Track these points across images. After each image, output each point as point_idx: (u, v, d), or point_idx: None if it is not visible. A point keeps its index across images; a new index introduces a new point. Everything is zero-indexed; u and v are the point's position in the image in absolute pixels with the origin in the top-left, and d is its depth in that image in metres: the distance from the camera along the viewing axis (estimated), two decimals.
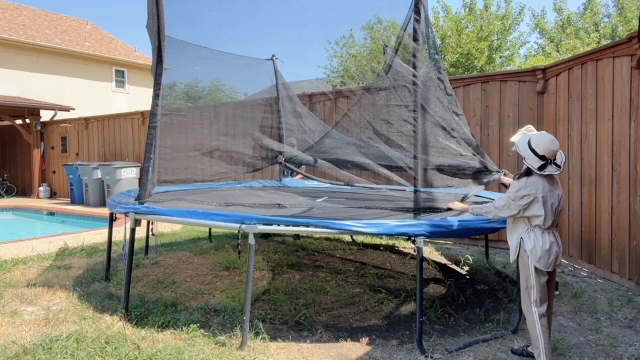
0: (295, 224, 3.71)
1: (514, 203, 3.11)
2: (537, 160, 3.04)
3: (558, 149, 3.07)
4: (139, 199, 4.46)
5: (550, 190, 3.08)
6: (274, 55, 7.38)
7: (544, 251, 3.08)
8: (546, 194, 3.05)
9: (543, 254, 3.08)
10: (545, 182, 3.08)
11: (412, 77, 3.75)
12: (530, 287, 3.15)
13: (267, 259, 6.27)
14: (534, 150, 3.06)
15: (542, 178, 3.08)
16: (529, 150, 3.08)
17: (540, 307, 3.13)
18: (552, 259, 3.09)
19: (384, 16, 15.12)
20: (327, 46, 16.01)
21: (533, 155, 3.05)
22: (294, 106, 7.40)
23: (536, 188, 3.06)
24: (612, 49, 5.22)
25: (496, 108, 7.10)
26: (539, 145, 3.05)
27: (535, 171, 3.06)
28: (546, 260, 3.08)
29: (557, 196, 3.12)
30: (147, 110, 10.85)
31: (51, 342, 3.52)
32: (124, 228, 4.80)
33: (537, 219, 3.08)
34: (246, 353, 3.47)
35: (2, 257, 6.28)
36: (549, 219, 3.08)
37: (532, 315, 3.16)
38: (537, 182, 3.07)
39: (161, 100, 4.44)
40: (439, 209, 3.74)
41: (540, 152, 3.03)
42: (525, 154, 3.10)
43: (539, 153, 3.03)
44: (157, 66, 4.37)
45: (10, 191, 16.24)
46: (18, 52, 16.87)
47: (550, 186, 3.09)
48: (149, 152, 4.40)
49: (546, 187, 3.06)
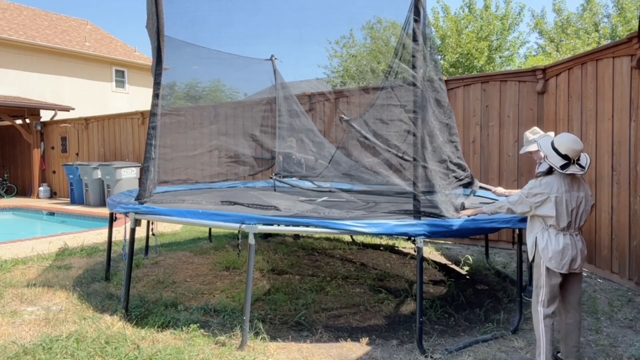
0: (295, 224, 3.71)
1: (526, 200, 3.15)
2: (559, 160, 3.06)
3: (581, 149, 3.07)
4: (139, 198, 4.46)
5: (567, 191, 3.08)
6: (273, 55, 7.38)
7: (555, 252, 3.08)
8: (561, 194, 3.06)
9: (555, 254, 3.08)
10: (562, 183, 3.09)
11: (412, 78, 3.74)
12: (539, 286, 3.16)
13: (267, 259, 6.27)
14: (556, 149, 3.08)
15: (560, 178, 3.10)
16: (551, 149, 3.10)
17: (547, 308, 3.14)
18: (565, 260, 3.07)
19: (384, 16, 15.11)
20: (327, 46, 16.00)
21: (555, 154, 3.07)
22: (293, 106, 7.39)
23: (550, 188, 3.08)
24: (612, 49, 5.23)
25: (496, 108, 7.10)
26: (561, 145, 3.07)
27: (557, 170, 3.07)
28: (558, 261, 3.07)
29: (577, 198, 3.10)
30: (147, 110, 10.85)
31: (51, 342, 3.52)
32: (124, 228, 4.80)
33: (550, 219, 3.09)
34: (246, 353, 3.47)
35: (2, 257, 6.28)
36: (563, 219, 3.07)
37: (538, 315, 3.17)
38: (553, 182, 3.10)
39: (161, 100, 4.44)
40: (443, 216, 3.72)
41: (563, 152, 3.05)
42: (547, 152, 3.12)
43: (562, 152, 3.05)
44: (156, 66, 4.37)
45: (10, 191, 16.24)
46: (18, 52, 16.87)
47: (568, 187, 3.09)
48: (149, 152, 4.40)
49: (563, 187, 3.07)
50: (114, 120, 13.66)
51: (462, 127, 7.38)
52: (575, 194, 3.10)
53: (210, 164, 6.57)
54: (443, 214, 3.69)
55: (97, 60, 19.43)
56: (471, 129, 7.31)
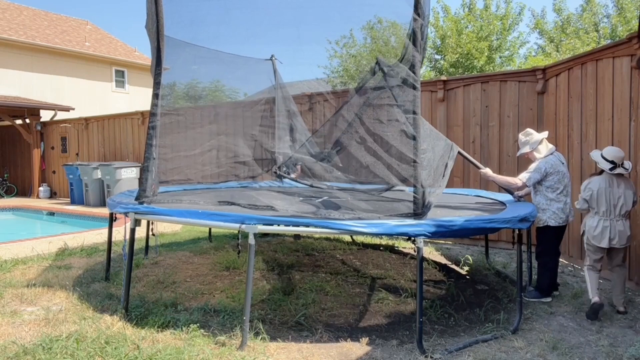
0: (295, 224, 3.70)
1: (581, 194, 4.43)
2: (607, 164, 4.23)
3: (623, 156, 4.23)
4: (139, 198, 4.45)
5: (607, 187, 4.25)
6: (273, 55, 7.38)
7: (593, 229, 4.31)
8: (601, 190, 4.26)
9: (592, 231, 4.32)
10: (605, 183, 4.26)
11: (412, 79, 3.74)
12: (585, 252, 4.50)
13: (267, 259, 6.27)
14: (604, 157, 4.25)
15: (604, 179, 4.28)
16: (600, 158, 4.28)
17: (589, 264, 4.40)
18: (604, 238, 4.24)
19: (384, 16, 15.09)
20: (327, 46, 15.97)
21: (604, 161, 4.25)
22: (293, 107, 7.39)
23: (592, 185, 4.34)
24: (612, 49, 5.22)
25: (496, 108, 7.10)
26: (608, 154, 4.25)
27: (607, 171, 4.23)
28: (596, 238, 4.29)
29: (617, 194, 4.22)
30: (147, 110, 10.84)
31: (51, 342, 3.52)
32: (124, 228, 4.80)
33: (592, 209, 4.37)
34: (246, 353, 3.47)
35: (2, 257, 6.27)
36: (601, 208, 4.28)
37: (584, 267, 4.48)
38: (596, 182, 4.33)
39: (161, 100, 4.43)
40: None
41: (610, 158, 4.23)
42: (597, 160, 4.31)
43: (608, 159, 4.23)
44: (156, 66, 4.36)
45: (10, 191, 16.24)
46: (18, 52, 16.87)
47: (608, 186, 4.25)
48: (149, 152, 4.40)
49: (603, 186, 4.26)
50: (114, 120, 13.66)
51: (462, 127, 7.39)
52: (616, 190, 4.23)
53: (210, 164, 6.55)
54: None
55: (97, 60, 19.43)
56: (471, 129, 7.31)
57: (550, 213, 4.62)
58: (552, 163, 4.61)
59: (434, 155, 4.28)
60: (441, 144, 4.72)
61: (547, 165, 4.59)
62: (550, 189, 4.62)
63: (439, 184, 4.17)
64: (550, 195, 4.62)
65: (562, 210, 4.62)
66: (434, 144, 4.45)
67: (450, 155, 4.66)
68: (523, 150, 4.82)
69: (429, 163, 4.00)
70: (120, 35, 63.88)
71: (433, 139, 4.58)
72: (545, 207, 4.64)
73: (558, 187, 4.61)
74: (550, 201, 4.63)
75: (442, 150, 4.64)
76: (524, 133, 4.84)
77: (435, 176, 4.12)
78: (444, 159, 4.51)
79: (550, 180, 4.61)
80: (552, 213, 4.62)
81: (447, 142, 4.86)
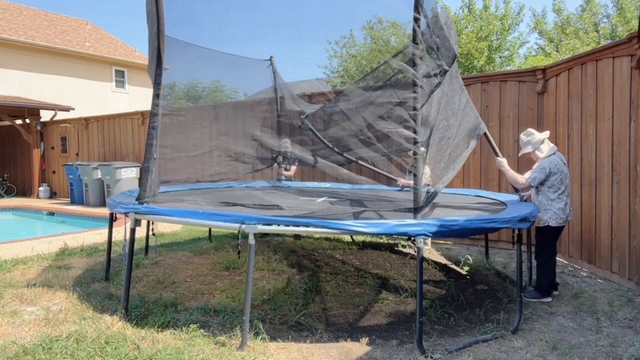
0: (295, 224, 3.70)
1: None
2: None
3: None
4: (139, 198, 4.45)
5: None
6: (272, 56, 7.40)
7: None
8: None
9: None
10: None
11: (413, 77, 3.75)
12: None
13: (267, 259, 6.26)
14: None
15: None
16: None
17: None
18: None
19: (384, 16, 15.09)
20: (326, 46, 15.98)
21: None
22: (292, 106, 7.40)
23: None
24: (612, 49, 5.23)
25: (496, 108, 7.10)
26: None
27: None
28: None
29: None
30: (147, 110, 10.84)
31: (51, 342, 3.52)
32: (124, 228, 4.80)
33: None
34: (246, 353, 3.47)
35: (2, 257, 6.27)
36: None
37: None
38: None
39: (161, 101, 4.43)
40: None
41: None
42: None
43: None
44: (156, 67, 4.36)
45: (10, 191, 16.24)
46: (18, 52, 16.87)
47: None
48: (150, 152, 4.40)
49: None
50: (114, 120, 13.66)
51: None
52: None
53: (210, 163, 6.56)
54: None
55: (97, 60, 19.43)
56: None
57: (552, 213, 4.62)
58: (556, 163, 4.62)
59: (457, 131, 4.25)
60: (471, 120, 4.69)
61: (552, 165, 4.60)
62: (552, 188, 4.63)
63: (452, 166, 4.16)
64: (552, 195, 4.63)
65: (562, 211, 4.62)
66: (461, 120, 4.43)
67: (477, 134, 4.66)
68: (525, 150, 4.82)
69: (447, 142, 4.00)
70: (120, 35, 63.92)
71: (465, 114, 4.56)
72: (547, 207, 4.64)
73: (560, 187, 4.61)
74: (551, 201, 4.63)
75: (471, 125, 4.62)
76: (526, 133, 4.84)
77: (450, 158, 4.11)
78: (470, 135, 4.51)
79: (552, 180, 4.61)
80: (553, 213, 4.62)
81: (477, 120, 4.82)
